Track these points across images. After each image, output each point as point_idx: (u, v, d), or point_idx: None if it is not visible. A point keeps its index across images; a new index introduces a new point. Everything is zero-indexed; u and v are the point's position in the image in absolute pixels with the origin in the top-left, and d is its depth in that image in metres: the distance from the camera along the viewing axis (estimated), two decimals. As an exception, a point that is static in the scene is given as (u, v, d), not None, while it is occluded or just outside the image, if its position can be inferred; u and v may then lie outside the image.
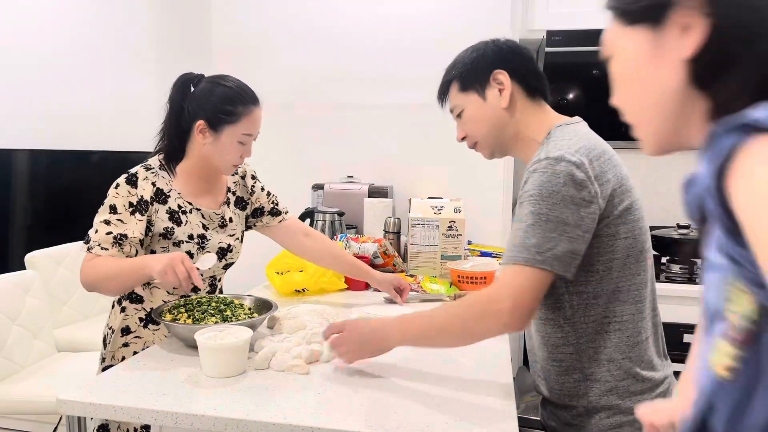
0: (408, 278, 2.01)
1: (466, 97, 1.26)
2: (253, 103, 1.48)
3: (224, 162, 1.50)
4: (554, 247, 1.03)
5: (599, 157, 1.10)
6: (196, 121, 1.46)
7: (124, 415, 1.04)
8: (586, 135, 1.15)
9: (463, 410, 1.04)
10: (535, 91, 1.24)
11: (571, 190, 1.04)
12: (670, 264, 2.53)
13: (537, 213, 1.05)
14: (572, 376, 1.16)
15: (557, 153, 1.07)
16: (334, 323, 1.26)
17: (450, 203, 2.13)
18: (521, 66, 1.23)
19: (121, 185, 1.49)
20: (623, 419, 1.13)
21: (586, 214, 1.05)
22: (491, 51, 1.25)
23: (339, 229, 2.23)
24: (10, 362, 2.10)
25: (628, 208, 1.11)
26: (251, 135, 1.50)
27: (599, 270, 1.11)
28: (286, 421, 0.98)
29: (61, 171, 3.22)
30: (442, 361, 1.29)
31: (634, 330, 1.14)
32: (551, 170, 1.06)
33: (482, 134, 1.27)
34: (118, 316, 1.53)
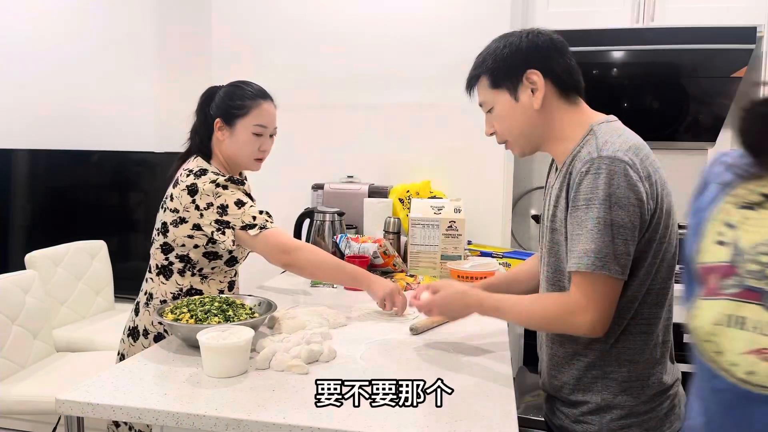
0: (408, 278, 2.01)
1: (497, 95, 1.21)
2: (262, 96, 1.63)
3: (245, 156, 1.62)
4: (612, 251, 1.04)
5: (647, 157, 1.10)
6: (215, 120, 1.61)
7: (124, 415, 1.03)
8: (631, 134, 1.15)
9: (463, 410, 1.04)
10: (569, 89, 1.20)
11: (626, 191, 1.04)
12: (670, 264, 2.53)
13: (597, 217, 1.04)
14: (591, 372, 1.16)
15: (609, 152, 1.06)
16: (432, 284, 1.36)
17: (450, 203, 2.13)
18: (556, 64, 1.18)
19: (230, 185, 1.55)
20: (633, 421, 1.13)
21: (640, 214, 1.05)
22: (525, 47, 1.18)
23: (339, 229, 2.23)
24: (9, 362, 2.10)
25: (669, 210, 1.12)
26: (265, 127, 1.62)
27: (640, 275, 1.10)
28: (286, 421, 0.98)
29: (61, 171, 3.22)
30: (442, 361, 1.29)
31: (655, 332, 1.14)
32: (606, 170, 1.04)
33: (513, 134, 1.23)
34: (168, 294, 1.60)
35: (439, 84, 2.56)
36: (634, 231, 1.05)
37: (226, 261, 1.62)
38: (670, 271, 1.15)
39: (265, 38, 2.71)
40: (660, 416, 1.15)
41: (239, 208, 1.52)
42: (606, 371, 1.15)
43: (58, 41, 3.36)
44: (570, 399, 1.19)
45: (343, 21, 2.64)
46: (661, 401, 1.15)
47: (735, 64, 2.43)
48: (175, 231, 1.56)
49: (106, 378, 1.15)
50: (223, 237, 1.52)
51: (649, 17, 2.51)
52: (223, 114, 1.60)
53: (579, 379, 1.17)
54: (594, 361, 1.16)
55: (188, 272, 1.60)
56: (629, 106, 2.62)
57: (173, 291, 1.61)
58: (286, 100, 2.73)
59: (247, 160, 1.64)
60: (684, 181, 3.22)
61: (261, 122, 1.61)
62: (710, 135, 2.66)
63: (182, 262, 1.59)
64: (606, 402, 1.14)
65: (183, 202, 1.54)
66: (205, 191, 1.52)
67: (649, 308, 1.13)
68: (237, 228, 1.51)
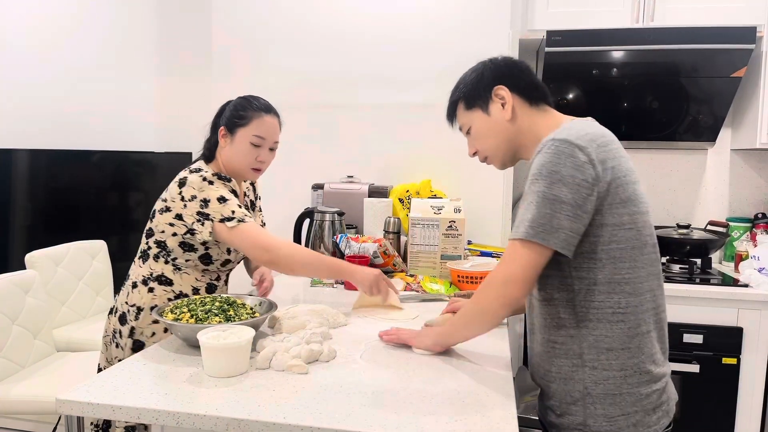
0: (408, 278, 2.01)
1: (472, 115, 1.34)
2: (265, 110, 1.68)
3: (242, 164, 1.66)
4: (548, 222, 1.09)
5: (606, 145, 1.14)
6: (219, 128, 1.68)
7: (124, 415, 1.03)
8: (595, 126, 1.20)
9: (463, 410, 1.04)
10: (536, 100, 1.30)
11: (572, 170, 1.09)
12: (670, 264, 2.53)
13: (537, 191, 1.11)
14: (570, 360, 1.18)
15: (562, 136, 1.13)
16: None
17: (450, 203, 2.13)
18: (520, 79, 1.30)
19: (215, 181, 1.60)
20: (617, 412, 1.15)
21: (586, 195, 1.10)
22: (489, 70, 1.33)
23: (339, 229, 2.23)
24: (9, 362, 2.10)
25: (632, 199, 1.14)
26: (263, 138, 1.66)
27: (602, 258, 1.14)
28: (286, 421, 0.98)
29: (61, 171, 3.22)
30: (442, 362, 1.29)
31: (634, 322, 1.15)
32: (554, 150, 1.11)
33: (491, 147, 1.34)
34: (145, 296, 1.63)
35: (439, 84, 2.56)
36: (578, 209, 1.09)
37: (200, 256, 1.63)
38: (643, 260, 1.16)
39: (265, 38, 2.71)
40: (647, 409, 1.15)
41: (221, 204, 1.56)
42: (584, 359, 1.17)
43: (58, 42, 3.36)
44: (554, 388, 1.22)
45: (344, 21, 2.64)
46: (647, 394, 1.16)
47: (735, 64, 2.43)
48: (159, 217, 1.62)
49: (106, 378, 1.15)
50: (201, 228, 1.56)
51: (649, 17, 2.52)
52: (227, 122, 1.67)
53: (560, 367, 1.20)
54: (572, 347, 1.18)
55: (162, 258, 1.64)
56: (629, 106, 2.62)
57: (145, 274, 1.64)
58: (286, 100, 2.74)
59: (244, 169, 1.67)
60: (684, 181, 3.26)
61: (260, 133, 1.65)
62: (710, 135, 2.66)
63: (159, 247, 1.63)
64: (588, 391, 1.16)
65: (171, 193, 1.60)
66: (191, 183, 1.57)
67: (625, 297, 1.15)
68: (216, 221, 1.55)
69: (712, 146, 2.78)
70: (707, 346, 2.28)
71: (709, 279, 2.39)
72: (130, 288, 1.66)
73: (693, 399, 2.31)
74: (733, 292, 2.27)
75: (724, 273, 2.53)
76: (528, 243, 1.11)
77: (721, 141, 2.78)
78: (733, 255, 2.67)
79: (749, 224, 2.70)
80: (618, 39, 2.48)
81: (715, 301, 2.28)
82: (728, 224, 2.70)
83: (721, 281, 2.38)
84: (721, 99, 2.55)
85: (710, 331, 2.28)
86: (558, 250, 1.10)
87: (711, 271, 2.52)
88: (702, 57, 2.44)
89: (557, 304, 1.19)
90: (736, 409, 2.28)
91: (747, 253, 2.52)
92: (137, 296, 1.64)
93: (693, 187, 2.85)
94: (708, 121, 2.62)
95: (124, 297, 1.67)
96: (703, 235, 2.49)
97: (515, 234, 1.13)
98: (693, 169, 2.85)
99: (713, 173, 2.83)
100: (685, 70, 2.50)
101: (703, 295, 2.29)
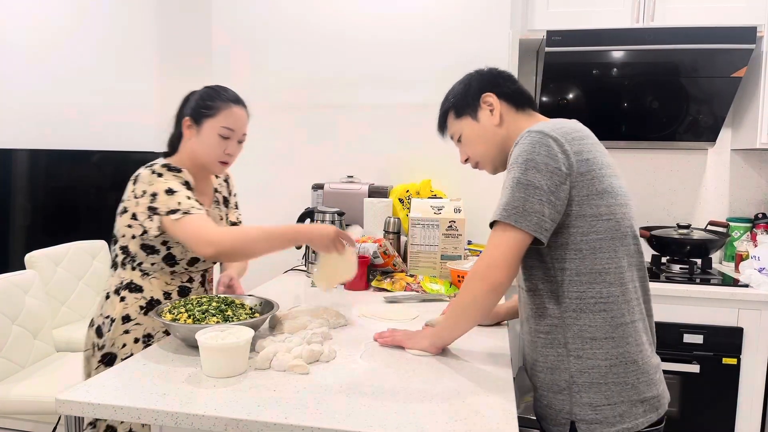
0: (408, 278, 2.01)
1: (462, 122, 1.39)
2: (233, 101, 1.59)
3: (209, 156, 1.58)
4: (521, 206, 1.14)
5: (581, 139, 1.20)
6: (184, 119, 1.60)
7: (124, 415, 1.03)
8: (573, 123, 1.25)
9: (462, 410, 1.04)
10: (522, 104, 1.36)
11: (545, 158, 1.15)
12: (670, 264, 2.53)
13: (512, 178, 1.17)
14: (556, 350, 1.21)
15: (537, 128, 1.19)
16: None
17: (450, 203, 2.13)
18: (505, 86, 1.37)
19: (165, 173, 1.53)
20: (603, 401, 1.17)
21: (559, 182, 1.15)
22: (476, 80, 1.39)
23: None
24: (9, 362, 2.10)
25: (608, 191, 1.18)
26: (232, 130, 1.58)
27: (582, 249, 1.18)
28: (287, 421, 0.98)
29: (61, 171, 3.22)
30: (442, 362, 1.29)
31: (617, 311, 1.18)
32: (529, 140, 1.18)
33: (481, 152, 1.38)
34: (117, 306, 1.57)
35: (439, 84, 2.55)
36: (551, 195, 1.14)
37: (163, 257, 1.56)
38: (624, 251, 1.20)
39: (265, 38, 2.71)
40: (633, 401, 1.17)
41: (168, 195, 1.48)
42: (569, 348, 1.20)
43: (58, 42, 3.36)
44: (542, 378, 1.25)
45: (344, 21, 2.64)
46: (633, 384, 1.17)
47: (735, 64, 2.43)
48: (119, 221, 1.56)
49: (106, 378, 1.15)
50: (150, 224, 1.48)
51: (649, 17, 2.51)
52: (193, 113, 1.59)
53: (546, 357, 1.23)
54: (557, 337, 1.21)
55: (128, 265, 1.58)
56: (629, 106, 2.62)
57: (116, 284, 1.59)
58: (287, 100, 2.75)
59: (212, 162, 1.60)
60: (684, 181, 3.26)
61: (228, 125, 1.58)
62: (710, 135, 2.66)
63: (124, 253, 1.58)
64: (574, 380, 1.19)
65: (127, 192, 1.55)
66: (141, 179, 1.52)
67: (606, 287, 1.18)
68: (162, 214, 1.46)
69: (712, 146, 2.77)
70: (707, 346, 2.28)
71: (709, 279, 2.39)
72: (104, 299, 1.61)
73: (693, 399, 2.31)
74: (734, 292, 2.27)
75: (724, 273, 2.53)
76: (504, 227, 1.16)
77: (721, 141, 2.78)
78: (733, 255, 2.67)
79: (749, 224, 2.70)
80: (618, 39, 2.48)
81: (715, 301, 2.28)
82: (728, 224, 2.70)
83: (722, 281, 2.38)
84: (721, 99, 2.55)
85: (710, 331, 2.28)
86: (530, 233, 1.14)
87: (711, 271, 2.52)
88: (702, 57, 2.44)
89: (542, 294, 1.23)
90: (736, 409, 2.28)
91: (747, 253, 2.52)
92: (110, 307, 1.58)
93: (693, 187, 2.85)
94: (708, 121, 2.61)
95: (100, 308, 1.62)
96: (703, 235, 2.49)
97: (492, 217, 1.19)
98: (693, 169, 2.85)
99: (713, 173, 2.83)
100: (685, 70, 2.50)
101: (704, 295, 2.29)
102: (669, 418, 1.26)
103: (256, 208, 2.70)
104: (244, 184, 2.76)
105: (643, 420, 1.18)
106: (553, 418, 1.22)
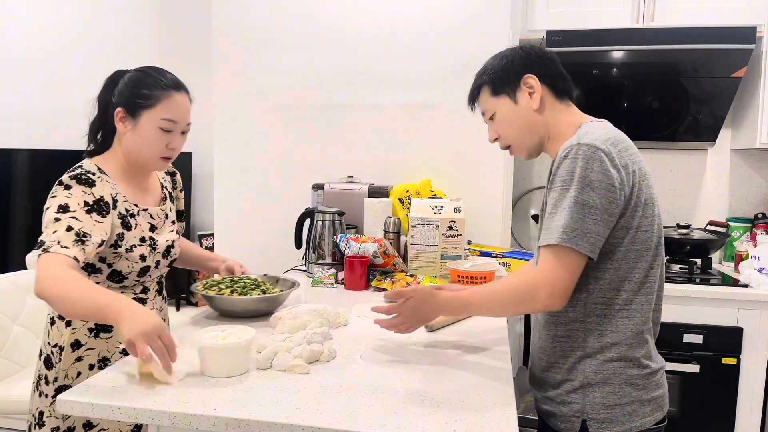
0: (408, 278, 2.01)
1: (498, 101, 1.32)
2: (174, 88, 1.39)
3: (149, 152, 1.39)
4: (580, 227, 1.11)
5: (627, 150, 1.17)
6: (116, 110, 1.38)
7: (123, 415, 1.03)
8: (614, 130, 1.22)
9: (462, 410, 1.04)
10: (562, 93, 1.31)
11: (600, 175, 1.11)
12: (670, 264, 2.53)
13: (567, 196, 1.13)
14: (576, 353, 1.22)
15: (588, 140, 1.14)
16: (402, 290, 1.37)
17: (450, 203, 2.13)
18: (548, 70, 1.30)
19: (74, 186, 1.31)
20: (615, 400, 1.18)
21: (612, 199, 1.12)
22: (519, 57, 1.31)
23: (339, 229, 2.23)
24: (10, 362, 2.10)
25: (648, 202, 1.18)
26: (174, 122, 1.39)
27: (618, 259, 1.17)
28: (287, 421, 0.98)
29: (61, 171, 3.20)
30: (442, 361, 1.29)
31: (640, 319, 1.20)
32: (582, 155, 1.12)
33: (515, 136, 1.33)
34: (63, 332, 1.38)
35: (439, 84, 2.56)
36: (605, 213, 1.12)
37: (108, 275, 1.37)
38: (651, 260, 1.20)
39: (265, 38, 2.71)
40: (642, 400, 1.19)
41: (54, 218, 1.24)
42: (588, 352, 1.20)
43: (58, 42, 3.36)
44: (555, 378, 1.25)
45: (344, 21, 2.64)
46: (643, 385, 1.20)
47: (735, 64, 2.43)
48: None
49: (106, 378, 1.15)
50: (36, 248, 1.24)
51: (649, 17, 2.52)
52: (126, 103, 1.37)
53: (564, 359, 1.23)
54: (577, 341, 1.21)
55: None
56: (629, 106, 2.62)
57: None
58: (286, 100, 2.74)
59: (153, 158, 1.40)
60: (684, 181, 3.25)
61: (170, 116, 1.37)
62: (710, 135, 2.66)
63: None
64: (588, 380, 1.20)
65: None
66: (53, 189, 1.31)
67: (634, 295, 1.19)
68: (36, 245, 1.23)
69: (712, 146, 2.77)
70: (707, 346, 2.28)
71: (709, 279, 2.39)
72: (49, 325, 1.41)
73: (693, 399, 2.31)
74: (733, 292, 2.27)
75: (724, 273, 2.53)
76: (566, 251, 1.12)
77: (721, 141, 2.78)
78: (733, 255, 2.67)
79: (749, 224, 2.70)
80: (618, 39, 2.48)
81: (715, 301, 2.28)
82: (728, 224, 2.70)
83: (721, 281, 2.38)
84: (721, 99, 2.55)
85: (710, 331, 2.28)
86: (587, 254, 1.12)
87: (711, 271, 2.52)
88: (702, 57, 2.44)
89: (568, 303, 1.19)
90: (736, 409, 2.28)
91: (747, 253, 2.52)
92: (56, 334, 1.38)
93: (693, 187, 2.85)
94: (708, 121, 2.62)
95: (46, 336, 1.41)
96: (703, 235, 2.49)
97: (549, 239, 1.13)
98: (693, 169, 2.85)
99: (713, 173, 2.83)
100: (685, 70, 2.50)
101: (703, 295, 2.29)
102: (669, 419, 1.27)
103: (256, 208, 2.70)
104: (244, 184, 2.76)
105: (650, 419, 1.20)
106: (564, 416, 1.23)
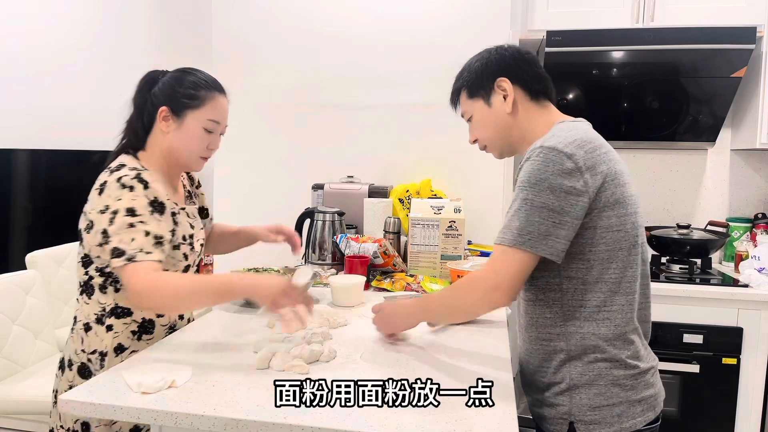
0: (408, 278, 2.01)
1: (474, 104, 1.35)
2: (218, 90, 1.43)
3: (191, 152, 1.41)
4: (536, 230, 1.11)
5: (594, 150, 1.15)
6: (159, 109, 1.39)
7: (124, 415, 1.04)
8: (584, 130, 1.21)
9: (462, 410, 1.04)
10: (538, 94, 1.32)
11: (559, 178, 1.11)
12: (670, 264, 2.53)
13: (524, 198, 1.13)
14: (559, 356, 1.21)
15: (550, 143, 1.14)
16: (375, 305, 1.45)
17: (450, 203, 2.13)
18: (523, 72, 1.31)
19: (136, 186, 1.30)
20: (602, 402, 1.17)
21: (575, 202, 1.11)
22: (494, 60, 1.32)
23: (339, 229, 2.23)
24: (10, 362, 2.11)
25: (620, 201, 1.16)
26: (218, 123, 1.42)
27: (590, 259, 1.16)
28: (286, 421, 0.98)
29: (61, 171, 3.22)
30: (442, 361, 1.29)
31: (622, 320, 1.18)
32: (542, 158, 1.12)
33: (489, 137, 1.35)
34: (104, 337, 1.35)
35: (439, 84, 2.54)
36: (566, 216, 1.11)
37: None
38: (627, 260, 1.18)
39: (265, 38, 2.71)
40: (631, 401, 1.18)
41: (126, 222, 1.25)
42: (571, 355, 1.19)
43: (58, 42, 3.36)
44: (543, 381, 1.24)
45: (344, 21, 2.64)
46: (631, 386, 1.18)
47: (735, 64, 2.43)
48: (87, 238, 1.32)
49: (107, 378, 1.15)
50: (102, 252, 1.27)
51: (649, 17, 2.52)
52: (172, 103, 1.38)
53: (549, 361, 1.22)
54: (558, 344, 1.21)
55: (110, 287, 1.34)
56: (629, 106, 2.62)
57: (96, 312, 1.35)
58: (287, 100, 2.75)
59: (193, 158, 1.42)
60: (684, 181, 3.25)
61: (215, 117, 1.40)
62: (710, 135, 2.66)
63: (102, 275, 1.34)
64: (574, 382, 1.19)
65: (92, 203, 1.31)
66: (108, 190, 1.29)
67: (609, 295, 1.17)
68: (108, 251, 1.24)
69: (712, 146, 2.77)
70: (707, 346, 2.28)
71: (709, 279, 2.39)
72: (82, 332, 1.36)
73: (693, 399, 2.31)
74: (733, 292, 2.27)
75: (724, 273, 2.53)
76: (516, 250, 1.12)
77: (721, 141, 2.78)
78: (733, 255, 2.67)
79: (749, 224, 2.70)
80: (618, 39, 2.48)
81: (715, 301, 2.28)
82: (728, 224, 2.70)
83: (721, 281, 2.38)
84: (721, 99, 2.55)
85: (710, 331, 2.28)
86: (546, 257, 1.12)
87: (711, 271, 2.52)
88: (702, 57, 2.44)
89: (543, 304, 1.22)
90: (736, 409, 2.28)
91: (747, 253, 2.52)
92: (96, 340, 1.35)
93: (693, 187, 2.85)
94: (708, 121, 2.62)
95: (78, 344, 1.36)
96: (703, 235, 2.49)
97: (502, 240, 1.14)
98: (693, 169, 2.85)
99: (713, 173, 2.83)
100: (685, 70, 2.50)
101: (703, 295, 2.29)
102: (668, 419, 1.27)
103: (256, 208, 2.70)
104: (244, 185, 2.76)
105: (641, 419, 1.18)
106: (552, 418, 1.22)
